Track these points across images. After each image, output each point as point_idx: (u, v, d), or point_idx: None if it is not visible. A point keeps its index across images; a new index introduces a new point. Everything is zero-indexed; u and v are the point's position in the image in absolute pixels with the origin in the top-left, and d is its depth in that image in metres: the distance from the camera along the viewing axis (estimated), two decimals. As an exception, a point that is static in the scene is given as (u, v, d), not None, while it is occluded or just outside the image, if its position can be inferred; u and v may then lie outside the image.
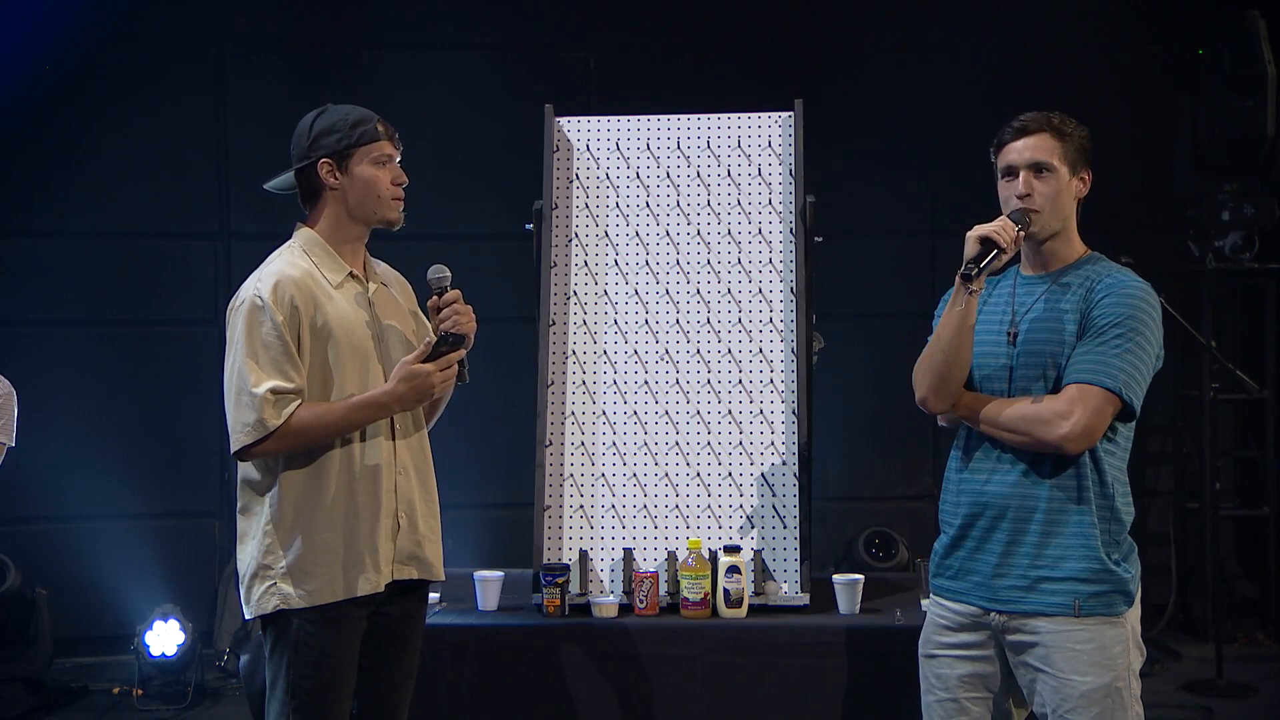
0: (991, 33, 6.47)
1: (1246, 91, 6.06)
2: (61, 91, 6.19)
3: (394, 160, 3.05)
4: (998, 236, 2.84)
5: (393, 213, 3.05)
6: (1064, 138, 2.91)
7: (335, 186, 3.01)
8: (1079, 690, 2.79)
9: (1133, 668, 2.84)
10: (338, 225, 3.04)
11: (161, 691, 5.48)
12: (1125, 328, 2.81)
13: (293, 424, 2.88)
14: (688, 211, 4.09)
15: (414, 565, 3.05)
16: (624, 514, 3.90)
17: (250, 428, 2.88)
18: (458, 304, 3.04)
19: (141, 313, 6.37)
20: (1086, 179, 2.95)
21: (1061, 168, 2.90)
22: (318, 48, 6.49)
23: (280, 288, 2.93)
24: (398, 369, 2.97)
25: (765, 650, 3.63)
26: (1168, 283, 5.42)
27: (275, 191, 3.13)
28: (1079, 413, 2.78)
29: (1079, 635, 2.81)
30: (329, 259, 3.02)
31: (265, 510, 2.94)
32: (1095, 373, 2.79)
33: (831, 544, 6.40)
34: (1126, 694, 2.81)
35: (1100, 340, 2.81)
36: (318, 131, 3.01)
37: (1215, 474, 6.13)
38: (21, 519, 6.00)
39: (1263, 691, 5.58)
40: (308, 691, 2.91)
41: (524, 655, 3.68)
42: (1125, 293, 2.84)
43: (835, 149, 5.36)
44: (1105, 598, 2.82)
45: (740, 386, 3.96)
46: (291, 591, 2.91)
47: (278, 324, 2.90)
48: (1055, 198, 2.90)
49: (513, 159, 5.19)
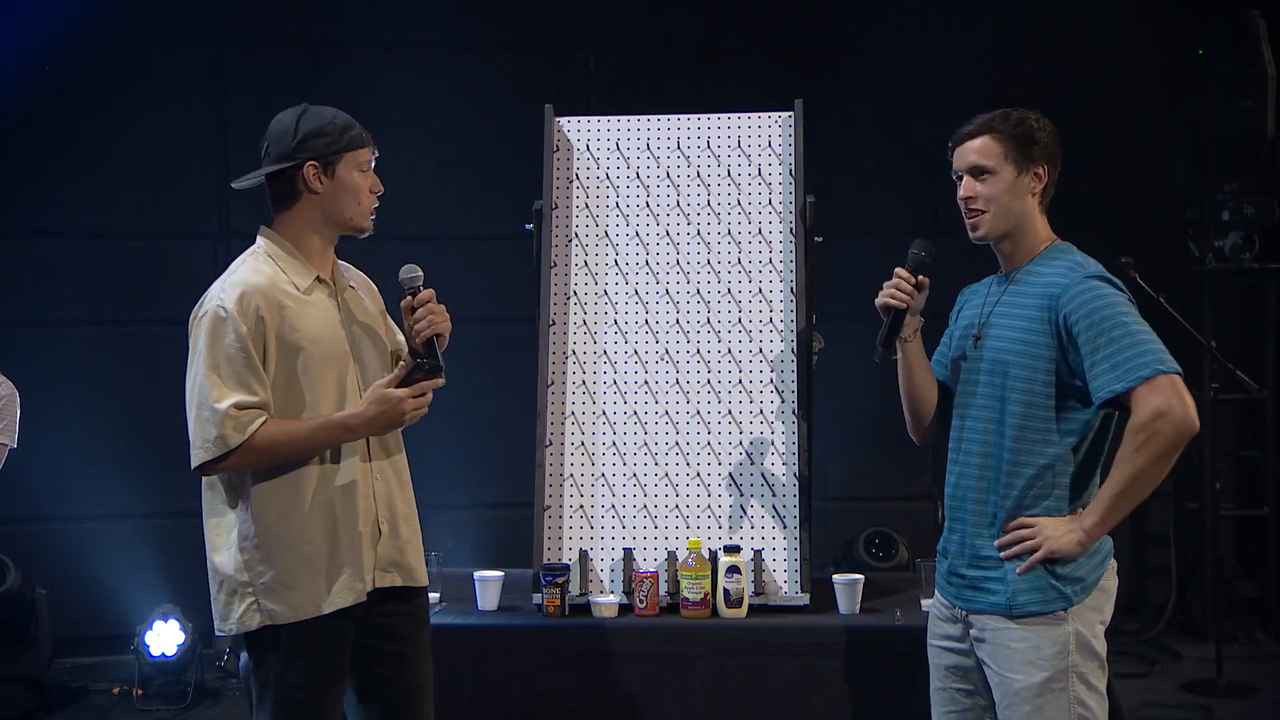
0: (992, 33, 6.46)
1: (1246, 91, 6.07)
2: (61, 92, 6.19)
3: (371, 167, 3.01)
4: (893, 300, 3.00)
5: (365, 220, 3.00)
6: (1006, 137, 2.93)
7: (318, 190, 2.94)
8: (1014, 688, 2.82)
9: (1079, 668, 2.80)
10: (309, 229, 2.97)
11: (161, 691, 5.49)
12: (1112, 320, 2.79)
13: (256, 441, 2.81)
14: (688, 211, 4.09)
15: (396, 572, 2.99)
16: (624, 514, 3.90)
17: (211, 444, 2.81)
18: (431, 304, 2.99)
19: (141, 313, 6.36)
20: (1042, 173, 2.93)
21: (1005, 168, 2.92)
22: (317, 48, 6.49)
23: (245, 298, 2.86)
24: (370, 391, 2.89)
25: (765, 650, 3.63)
26: (1168, 283, 5.41)
27: (241, 189, 3.04)
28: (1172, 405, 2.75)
29: (1014, 634, 2.83)
30: (296, 264, 2.95)
31: (238, 523, 2.86)
32: (1134, 368, 2.75)
33: (831, 544, 6.40)
34: (1065, 695, 2.79)
35: (1108, 347, 2.78)
36: (305, 133, 2.93)
37: (1215, 474, 6.13)
38: (21, 519, 6.00)
39: (1263, 691, 5.58)
40: (298, 703, 2.87)
41: (524, 655, 3.68)
42: (1090, 290, 2.82)
43: (835, 149, 5.35)
44: (1040, 596, 2.82)
45: (740, 386, 3.96)
46: (274, 608, 2.85)
47: (241, 336, 2.83)
48: (998, 199, 2.92)
49: (513, 159, 5.19)
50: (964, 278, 3.18)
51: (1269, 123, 6.02)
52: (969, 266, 3.20)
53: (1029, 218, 2.94)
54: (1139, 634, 6.35)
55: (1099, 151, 6.49)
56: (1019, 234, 2.94)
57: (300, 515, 2.87)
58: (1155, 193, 6.52)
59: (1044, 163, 2.93)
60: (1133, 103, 6.56)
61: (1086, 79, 6.45)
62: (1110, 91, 6.51)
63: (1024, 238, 2.94)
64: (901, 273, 3.04)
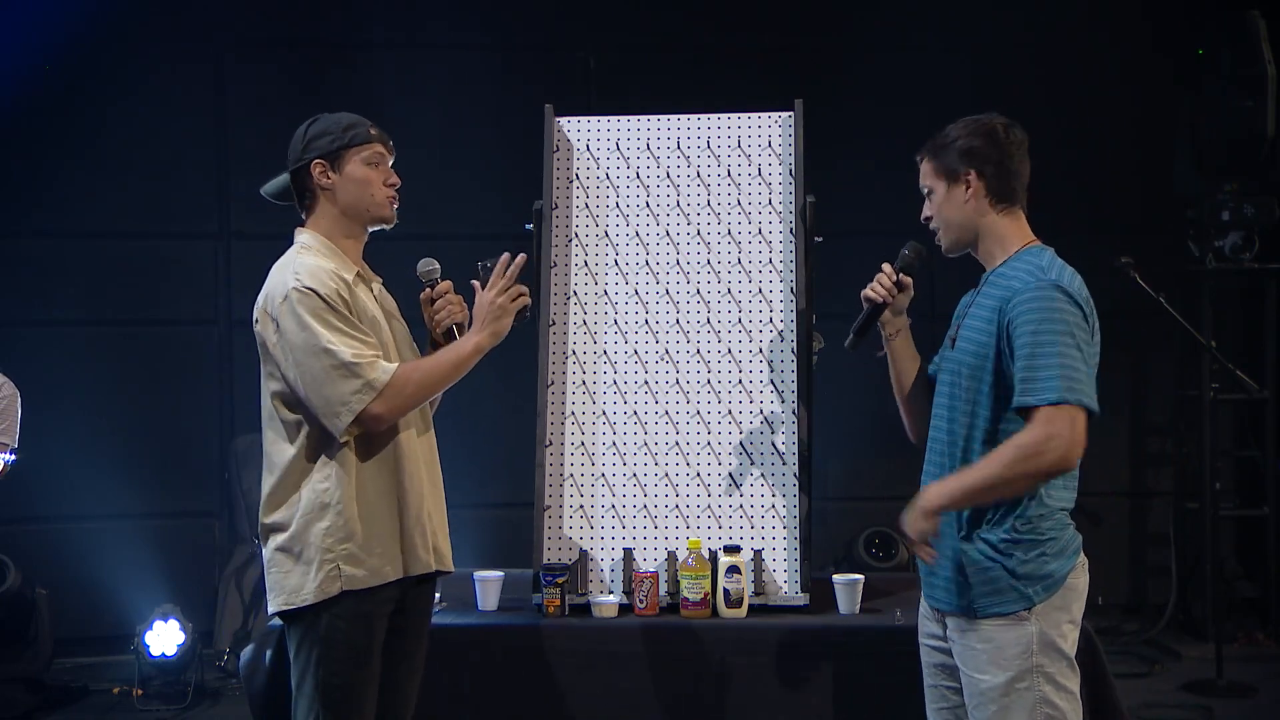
0: (991, 33, 6.47)
1: (1246, 91, 6.07)
2: (61, 91, 6.20)
3: (386, 162, 3.10)
4: (872, 293, 3.10)
5: (386, 210, 3.08)
6: (931, 155, 2.96)
7: (328, 186, 3.04)
8: (980, 688, 2.82)
9: (1045, 668, 2.79)
10: (334, 225, 3.07)
11: (161, 691, 5.48)
12: (1039, 337, 2.75)
13: (396, 380, 2.91)
14: (688, 211, 4.09)
15: (432, 556, 3.09)
16: (624, 514, 3.90)
17: (358, 393, 2.88)
18: (450, 294, 3.14)
19: (141, 313, 6.37)
20: (970, 178, 2.90)
21: (938, 184, 2.95)
22: (317, 48, 6.49)
23: (320, 276, 2.95)
24: (477, 310, 3.05)
25: (765, 650, 3.63)
26: (1168, 283, 5.42)
27: (270, 198, 3.15)
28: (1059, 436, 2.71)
29: (978, 634, 2.83)
30: (337, 258, 3.05)
31: (320, 493, 2.93)
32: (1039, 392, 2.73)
33: (831, 544, 6.40)
34: (1030, 695, 2.78)
35: (1029, 360, 2.76)
36: (311, 135, 3.06)
37: (1215, 474, 6.13)
38: (21, 519, 6.00)
39: (1263, 691, 5.58)
40: (338, 688, 2.92)
41: (524, 655, 3.68)
42: (1031, 301, 2.78)
43: (835, 149, 5.35)
44: (1000, 598, 2.80)
45: (740, 386, 3.96)
46: (355, 572, 2.93)
47: (334, 304, 2.92)
48: (939, 214, 2.97)
49: (513, 159, 5.19)
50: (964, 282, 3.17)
51: (1269, 123, 6.02)
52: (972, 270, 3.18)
53: (980, 223, 2.92)
54: (1139, 634, 6.36)
55: (1099, 151, 6.50)
56: (980, 240, 2.94)
57: (378, 487, 2.98)
58: (1155, 193, 6.53)
59: (968, 167, 2.90)
60: (1133, 103, 6.56)
61: (1087, 79, 6.46)
62: (1110, 91, 6.51)
63: (986, 243, 2.93)
64: (886, 269, 3.13)
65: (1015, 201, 2.93)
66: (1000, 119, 2.95)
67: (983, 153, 2.90)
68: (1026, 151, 2.94)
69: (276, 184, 3.12)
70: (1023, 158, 2.93)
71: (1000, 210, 2.92)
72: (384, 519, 2.98)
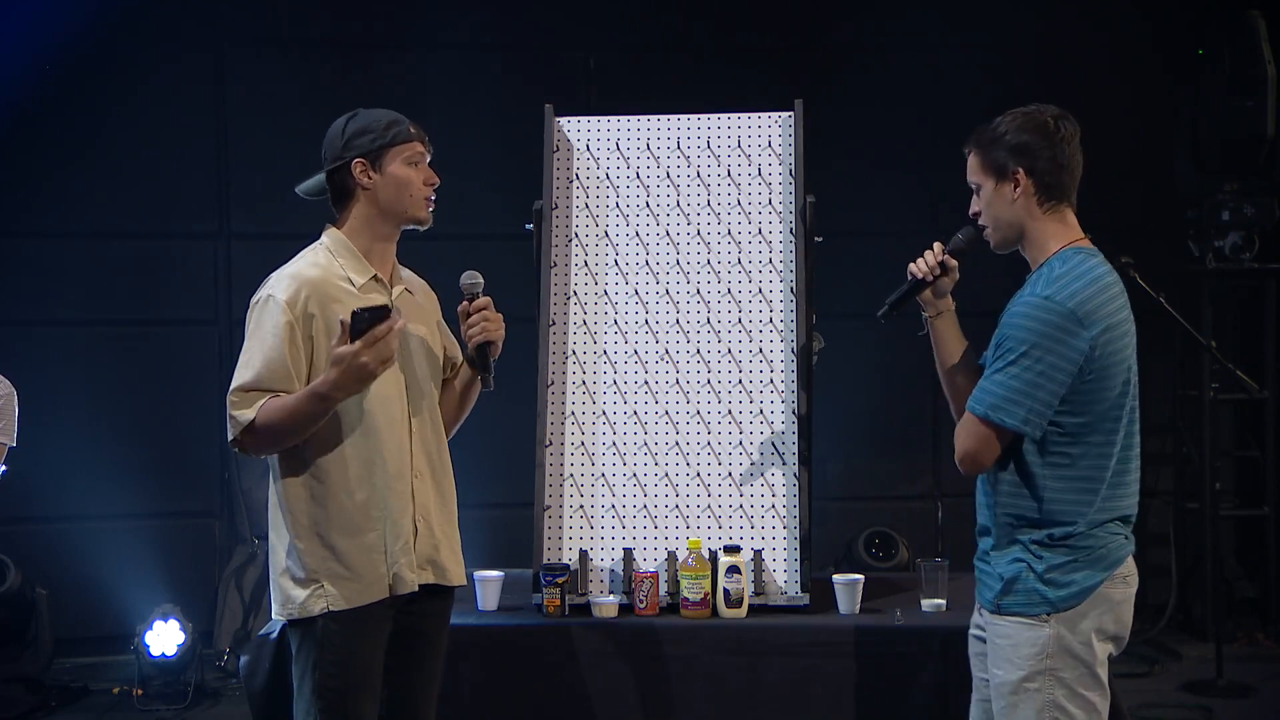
0: (991, 32, 6.46)
1: (1246, 91, 6.07)
2: (61, 91, 6.19)
3: (425, 161, 3.08)
4: (915, 268, 2.99)
5: (422, 211, 3.07)
6: (979, 149, 2.88)
7: (368, 186, 3.01)
8: (996, 680, 2.86)
9: (1059, 672, 2.78)
10: (367, 226, 3.04)
11: (161, 691, 5.48)
12: (1005, 349, 2.78)
13: (257, 423, 2.88)
14: (688, 211, 4.09)
15: (430, 570, 3.05)
16: (624, 514, 3.90)
17: (232, 422, 2.91)
18: (488, 310, 3.09)
19: (141, 313, 6.37)
20: (1019, 176, 2.83)
21: (986, 180, 2.88)
22: (317, 48, 6.49)
23: (296, 289, 2.93)
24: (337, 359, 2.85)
25: (765, 650, 3.63)
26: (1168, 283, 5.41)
27: (305, 195, 3.13)
28: (960, 439, 2.84)
29: (1000, 630, 2.85)
30: (355, 261, 3.02)
31: (303, 511, 2.94)
32: (973, 399, 2.83)
33: (831, 544, 6.39)
34: (1040, 697, 2.78)
35: (991, 367, 2.81)
36: (351, 133, 3.02)
37: (1215, 474, 6.13)
38: (21, 519, 5.99)
39: (1263, 691, 5.58)
40: (334, 691, 2.92)
41: (524, 655, 3.68)
42: (1015, 313, 2.80)
43: (835, 149, 5.36)
44: (1023, 598, 2.82)
45: (740, 386, 3.96)
46: (337, 593, 2.92)
47: (281, 325, 2.90)
48: (988, 212, 2.89)
49: (513, 159, 5.19)
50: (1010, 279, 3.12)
51: (1269, 123, 6.02)
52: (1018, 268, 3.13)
53: (1027, 225, 2.87)
54: (1139, 634, 6.36)
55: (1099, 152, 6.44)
56: (1025, 240, 2.89)
57: (358, 505, 2.94)
58: (1155, 193, 6.52)
59: (1017, 163, 2.83)
60: (1133, 103, 6.56)
61: (1086, 79, 6.45)
62: (1110, 91, 6.50)
63: (1031, 244, 2.88)
64: (935, 247, 3.00)
65: (1065, 198, 2.86)
66: (1052, 110, 2.87)
67: (1034, 149, 2.82)
68: (1079, 144, 2.87)
69: (313, 183, 3.10)
70: (1075, 151, 2.86)
71: (1048, 209, 2.85)
72: (373, 538, 2.95)
